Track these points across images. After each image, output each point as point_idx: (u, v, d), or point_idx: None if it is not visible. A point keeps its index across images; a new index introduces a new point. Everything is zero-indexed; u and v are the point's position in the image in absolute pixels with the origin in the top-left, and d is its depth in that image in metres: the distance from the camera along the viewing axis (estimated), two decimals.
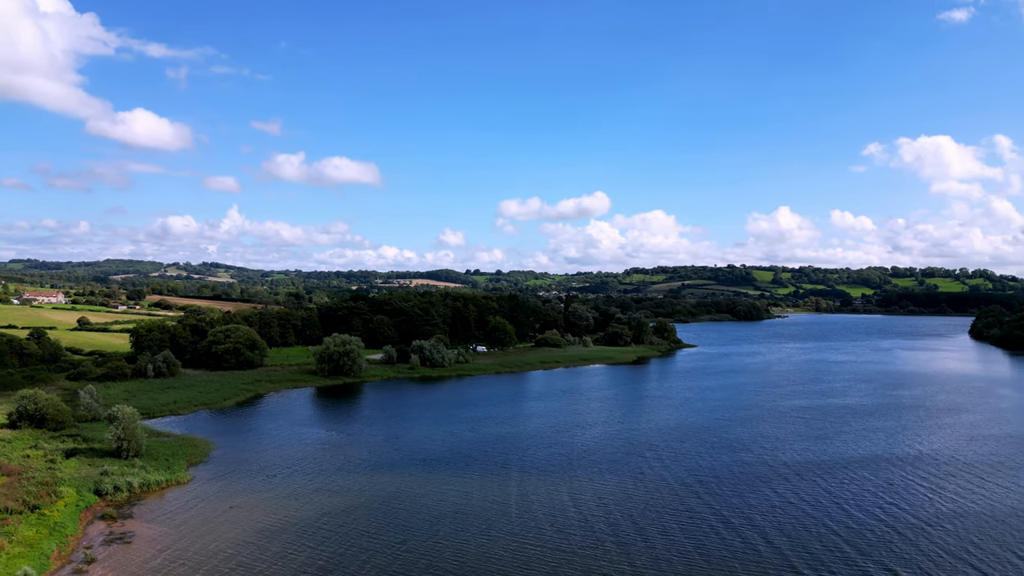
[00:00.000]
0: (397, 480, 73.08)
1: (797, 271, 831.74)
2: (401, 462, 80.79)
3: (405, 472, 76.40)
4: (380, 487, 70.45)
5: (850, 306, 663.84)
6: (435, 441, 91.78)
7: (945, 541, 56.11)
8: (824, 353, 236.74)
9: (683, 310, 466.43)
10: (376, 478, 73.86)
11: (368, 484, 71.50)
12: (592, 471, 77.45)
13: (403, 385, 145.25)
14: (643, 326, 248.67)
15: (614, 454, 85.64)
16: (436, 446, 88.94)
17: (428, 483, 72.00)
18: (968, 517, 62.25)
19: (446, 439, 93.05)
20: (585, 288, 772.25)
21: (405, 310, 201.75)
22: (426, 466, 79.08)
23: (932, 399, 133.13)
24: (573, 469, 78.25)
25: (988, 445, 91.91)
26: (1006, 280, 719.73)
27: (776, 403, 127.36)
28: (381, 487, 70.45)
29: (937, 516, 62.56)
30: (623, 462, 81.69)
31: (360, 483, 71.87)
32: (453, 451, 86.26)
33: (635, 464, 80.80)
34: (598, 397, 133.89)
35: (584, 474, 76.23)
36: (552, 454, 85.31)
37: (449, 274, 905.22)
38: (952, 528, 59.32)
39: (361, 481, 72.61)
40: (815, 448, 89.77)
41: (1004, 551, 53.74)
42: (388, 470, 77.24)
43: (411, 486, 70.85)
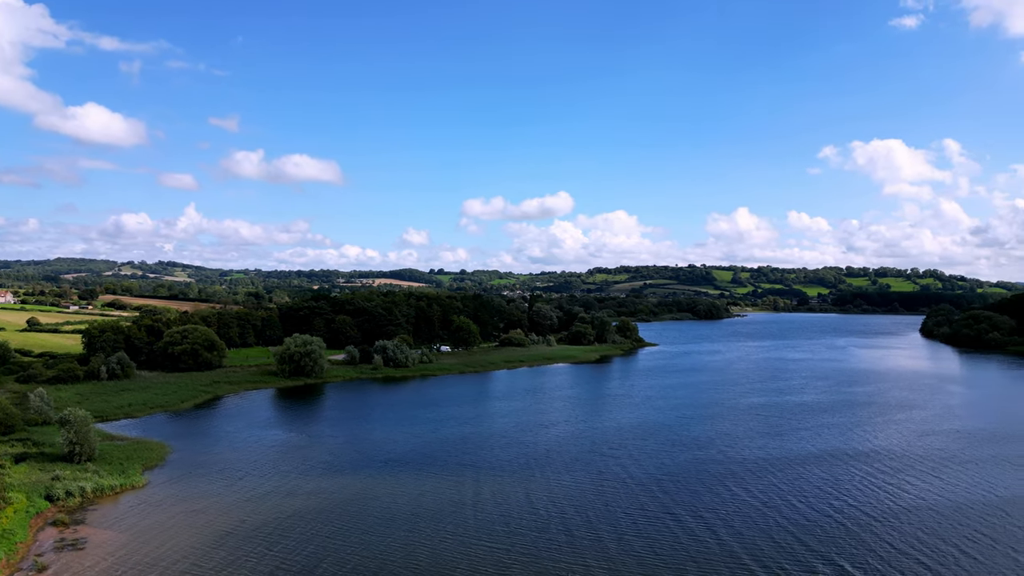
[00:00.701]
0: (358, 482, 72.46)
1: (756, 271, 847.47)
2: (362, 463, 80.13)
3: (366, 474, 75.79)
4: (340, 489, 69.77)
5: (807, 305, 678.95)
6: (397, 442, 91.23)
7: (892, 535, 57.71)
8: (781, 351, 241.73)
9: (645, 309, 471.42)
10: (336, 480, 73.12)
11: (328, 486, 70.75)
12: (553, 471, 77.84)
13: (366, 386, 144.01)
14: (606, 325, 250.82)
15: (576, 453, 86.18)
16: (398, 447, 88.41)
17: (389, 484, 71.55)
18: (915, 512, 64.15)
19: (408, 440, 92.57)
20: (549, 288, 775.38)
21: (368, 310, 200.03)
22: (387, 467, 78.56)
23: (885, 396, 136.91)
24: (534, 469, 78.54)
25: (938, 440, 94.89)
26: (955, 280, 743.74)
27: (735, 401, 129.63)
28: (341, 489, 69.77)
29: (886, 511, 64.35)
30: (584, 461, 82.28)
31: (320, 485, 71.08)
32: (415, 452, 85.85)
33: (596, 463, 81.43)
34: (561, 396, 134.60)
35: (545, 474, 76.57)
36: (514, 454, 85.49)
37: (413, 273, 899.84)
38: (899, 523, 61.05)
39: (321, 483, 71.82)
40: (772, 445, 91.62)
41: (947, 545, 55.53)
42: (349, 472, 76.54)
43: (372, 487, 70.33)
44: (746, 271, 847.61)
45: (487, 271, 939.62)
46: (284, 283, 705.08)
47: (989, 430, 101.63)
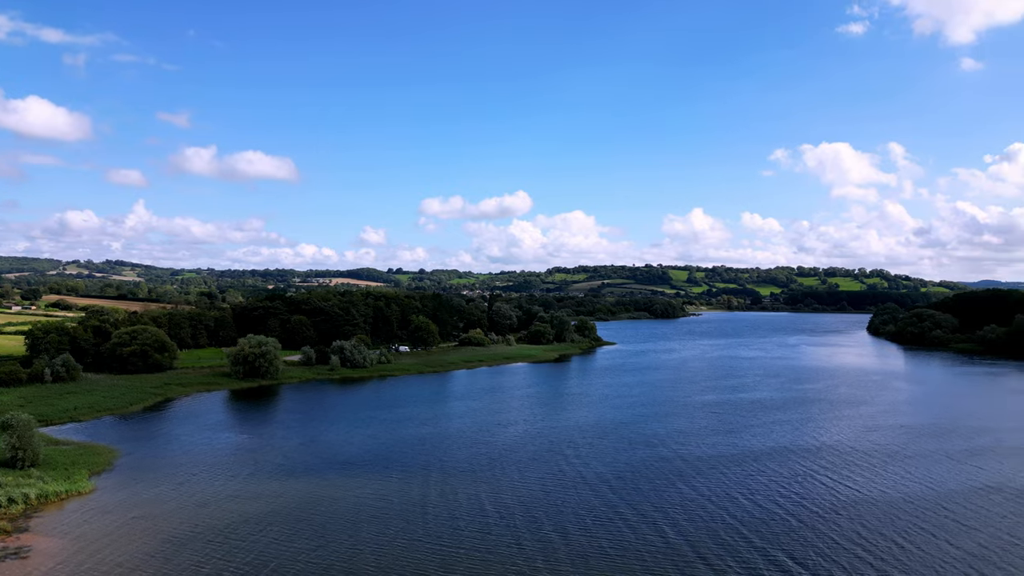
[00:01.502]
0: (313, 484, 71.55)
1: (710, 270, 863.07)
2: (318, 466, 79.15)
3: (322, 476, 74.89)
4: (295, 492, 68.80)
5: (760, 304, 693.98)
6: (354, 444, 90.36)
7: (834, 529, 59.31)
8: (735, 349, 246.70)
9: (603, 308, 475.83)
10: (291, 483, 72.09)
11: (283, 489, 69.70)
12: (510, 471, 78.06)
13: (322, 387, 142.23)
14: (565, 324, 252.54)
15: (533, 453, 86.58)
16: (355, 449, 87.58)
17: (345, 487, 70.83)
18: (858, 506, 66.08)
19: (365, 441, 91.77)
20: (509, 287, 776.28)
21: (325, 310, 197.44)
22: (344, 469, 77.75)
23: (834, 393, 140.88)
24: (491, 469, 78.64)
25: (883, 436, 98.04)
26: (900, 279, 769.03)
27: (690, 398, 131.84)
28: (296, 492, 68.81)
29: (830, 506, 66.12)
30: (541, 461, 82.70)
31: (275, 488, 69.97)
32: (372, 453, 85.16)
33: (552, 463, 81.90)
34: (520, 395, 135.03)
35: (501, 474, 76.73)
36: (473, 454, 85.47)
37: (370, 273, 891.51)
38: (841, 517, 62.76)
39: (276, 486, 70.71)
40: (725, 442, 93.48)
41: (886, 538, 57.29)
42: (304, 474, 75.52)
43: (328, 490, 69.52)
44: (701, 271, 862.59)
45: (446, 270, 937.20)
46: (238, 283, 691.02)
47: (931, 425, 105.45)
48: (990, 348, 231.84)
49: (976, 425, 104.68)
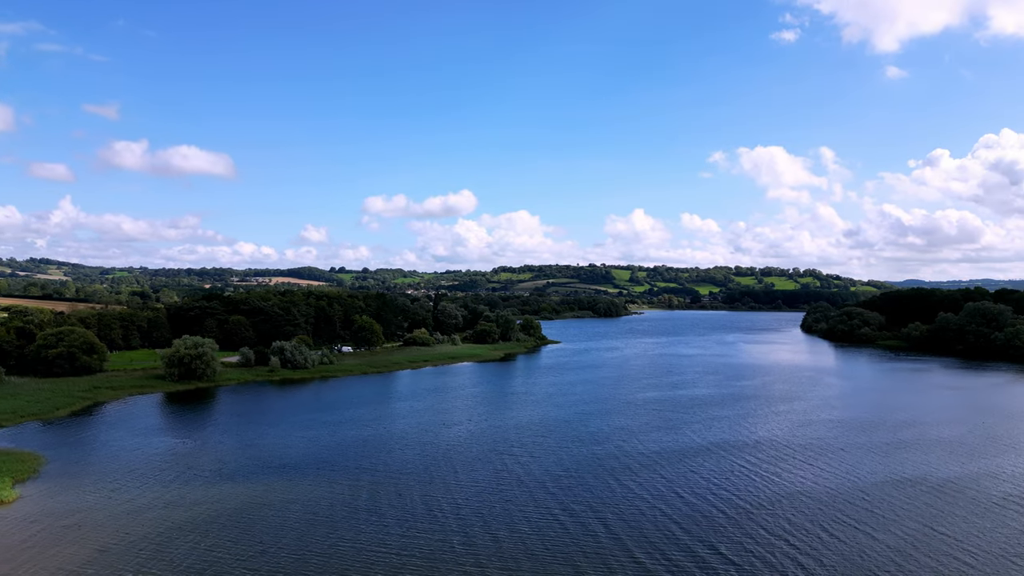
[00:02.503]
0: (250, 489, 69.84)
1: (652, 270, 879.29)
2: (255, 470, 77.30)
3: (260, 481, 73.16)
4: (231, 497, 67.04)
5: (699, 303, 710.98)
6: (292, 447, 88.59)
7: (766, 521, 61.19)
8: (676, 347, 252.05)
9: (548, 308, 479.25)
10: (227, 488, 70.21)
11: (218, 495, 67.83)
12: (453, 471, 77.85)
13: (262, 388, 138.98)
14: (510, 324, 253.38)
15: (477, 453, 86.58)
16: (294, 452, 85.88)
17: (284, 491, 69.40)
18: (789, 498, 68.35)
19: (304, 444, 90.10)
20: (454, 286, 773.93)
21: (264, 310, 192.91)
22: (283, 473, 76.16)
23: (769, 389, 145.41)
24: (434, 470, 78.24)
25: (816, 430, 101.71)
26: (831, 278, 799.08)
27: (632, 396, 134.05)
28: (231, 497, 67.05)
29: (763, 499, 68.21)
30: (485, 460, 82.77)
31: (208, 494, 68.02)
32: (313, 456, 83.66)
33: (496, 462, 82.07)
34: (465, 395, 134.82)
35: (445, 474, 76.47)
36: (416, 455, 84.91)
37: (312, 272, 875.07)
38: (774, 509, 64.83)
39: (209, 492, 68.75)
40: (665, 438, 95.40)
41: (814, 528, 59.43)
42: (241, 479, 73.64)
43: (265, 495, 67.98)
44: (643, 270, 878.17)
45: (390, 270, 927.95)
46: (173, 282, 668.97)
47: (860, 420, 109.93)
48: (914, 345, 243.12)
49: (901, 419, 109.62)
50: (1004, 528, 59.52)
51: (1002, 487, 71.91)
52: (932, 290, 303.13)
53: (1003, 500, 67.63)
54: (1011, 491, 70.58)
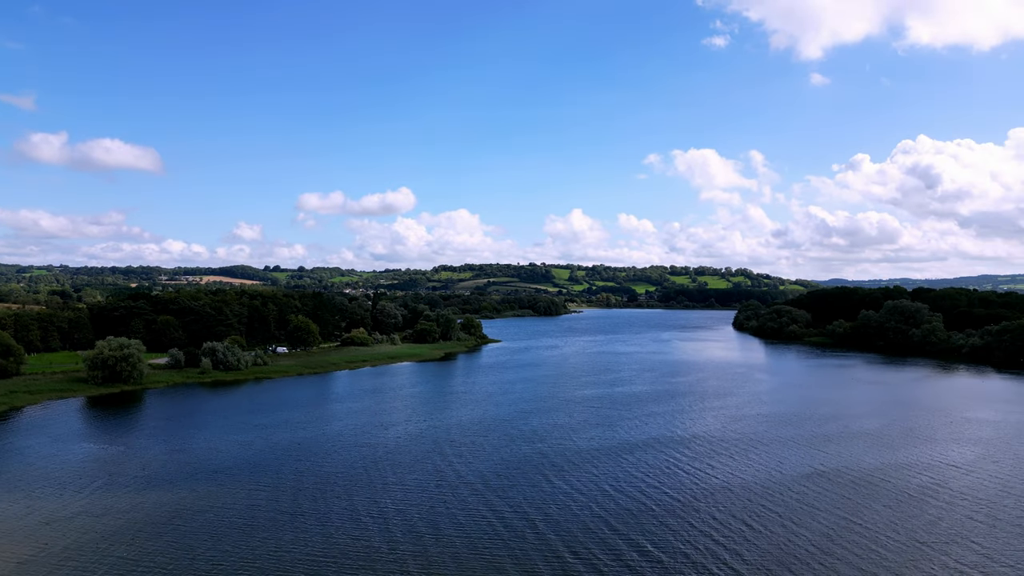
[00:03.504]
0: (177, 496, 67.45)
1: (591, 269, 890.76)
2: (183, 476, 74.70)
3: (187, 487, 70.75)
4: (157, 505, 64.61)
5: (636, 302, 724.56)
6: (224, 451, 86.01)
7: (692, 515, 62.74)
8: (613, 345, 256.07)
9: (489, 307, 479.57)
10: (153, 495, 67.61)
11: (143, 502, 65.27)
12: (386, 473, 76.98)
13: (192, 391, 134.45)
14: (451, 323, 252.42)
15: (415, 454, 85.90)
16: (225, 456, 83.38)
17: (213, 497, 67.31)
18: (716, 492, 70.22)
19: (237, 448, 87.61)
20: (394, 285, 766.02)
21: (195, 309, 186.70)
22: (212, 479, 73.84)
23: (703, 385, 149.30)
24: (371, 472, 77.28)
25: (747, 424, 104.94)
26: (761, 277, 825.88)
27: (571, 393, 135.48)
28: (158, 505, 64.63)
29: (691, 493, 69.87)
30: (424, 460, 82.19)
31: (133, 502, 65.37)
32: (244, 461, 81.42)
33: (435, 462, 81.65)
34: (404, 395, 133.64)
35: (382, 476, 75.55)
36: (352, 457, 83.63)
37: (245, 270, 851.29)
38: (700, 503, 66.54)
39: (134, 500, 66.09)
40: (603, 435, 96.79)
41: (737, 521, 61.26)
42: (168, 486, 71.04)
43: (193, 501, 65.81)
44: (582, 269, 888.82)
45: (327, 268, 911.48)
46: (96, 281, 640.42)
47: (787, 413, 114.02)
48: (839, 341, 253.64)
49: (826, 413, 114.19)
50: (919, 517, 62.70)
51: (918, 478, 75.76)
52: (855, 289, 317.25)
53: (919, 490, 71.25)
54: (926, 482, 74.43)
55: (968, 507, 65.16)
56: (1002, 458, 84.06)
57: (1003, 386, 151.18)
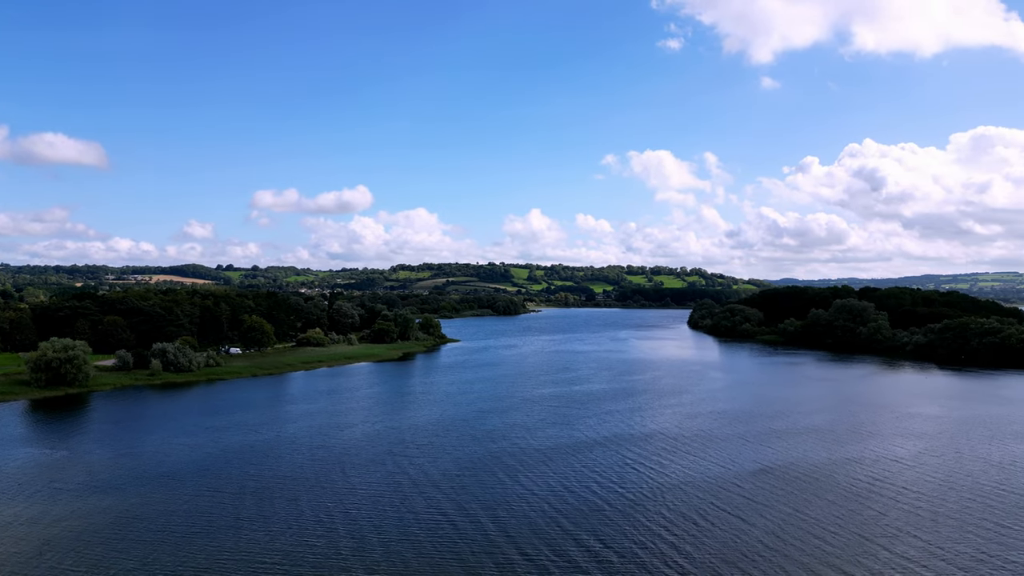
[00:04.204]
0: (124, 501, 65.48)
1: (549, 269, 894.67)
2: (130, 481, 72.56)
3: (134, 492, 68.73)
4: (102, 511, 62.63)
5: (593, 301, 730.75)
6: (173, 455, 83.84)
7: (642, 512, 63.59)
8: (571, 344, 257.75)
9: (448, 306, 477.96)
10: (98, 501, 65.53)
11: (87, 509, 63.20)
12: (345, 474, 76.20)
13: (141, 394, 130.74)
14: (409, 322, 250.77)
15: (372, 454, 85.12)
16: (174, 460, 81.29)
17: (161, 502, 65.54)
18: (667, 490, 71.22)
19: (187, 451, 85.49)
20: (351, 285, 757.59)
21: (144, 310, 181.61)
22: (161, 483, 71.88)
23: (659, 383, 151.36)
24: (325, 474, 76.32)
25: (701, 421, 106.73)
26: (715, 277, 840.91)
27: (529, 392, 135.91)
28: (103, 511, 62.66)
29: (642, 491, 70.71)
30: (379, 462, 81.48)
31: (77, 508, 63.24)
32: (195, 465, 79.49)
33: (391, 463, 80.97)
34: (361, 396, 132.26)
35: (335, 478, 74.67)
36: (305, 460, 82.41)
37: (197, 270, 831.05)
38: (651, 500, 67.44)
39: (78, 506, 63.94)
40: (560, 434, 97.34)
41: (686, 517, 62.36)
42: (114, 491, 68.90)
43: (141, 507, 63.98)
44: (541, 269, 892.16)
45: (282, 267, 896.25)
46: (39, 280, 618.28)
47: (740, 410, 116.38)
48: (790, 339, 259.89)
49: (777, 409, 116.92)
50: (865, 512, 64.62)
51: (864, 473, 78.08)
52: (805, 288, 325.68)
53: (865, 485, 73.47)
54: (872, 476, 76.78)
55: (912, 501, 67.44)
56: (944, 453, 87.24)
57: (945, 382, 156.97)
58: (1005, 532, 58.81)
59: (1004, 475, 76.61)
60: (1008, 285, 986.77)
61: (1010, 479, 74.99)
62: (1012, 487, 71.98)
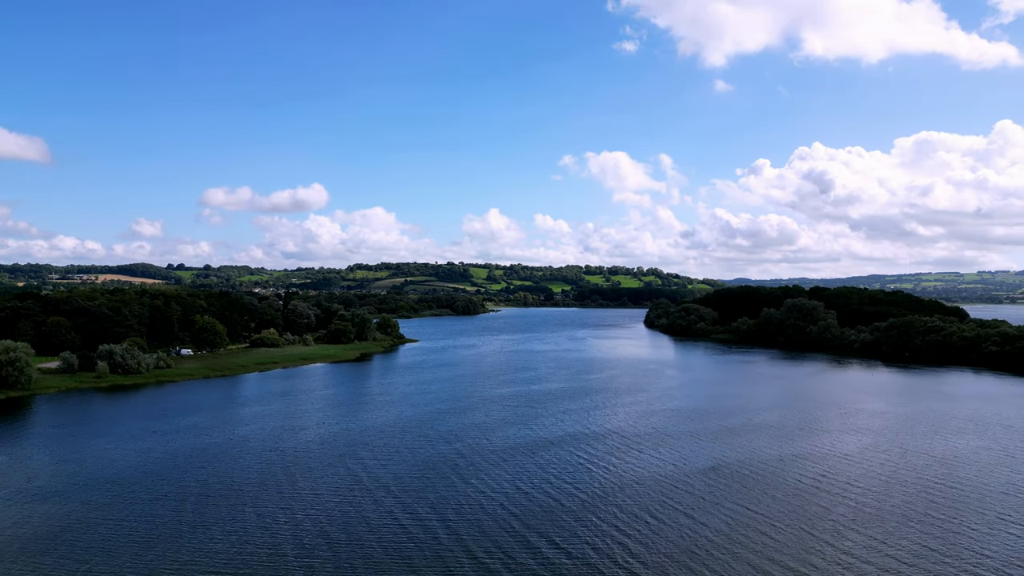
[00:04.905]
0: (66, 508, 63.29)
1: (508, 268, 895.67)
2: (73, 487, 70.11)
3: (77, 498, 66.46)
4: (44, 519, 60.42)
5: (552, 300, 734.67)
6: (119, 460, 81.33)
7: (601, 509, 64.29)
8: (530, 344, 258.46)
9: (406, 306, 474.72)
10: (38, 508, 63.19)
11: (26, 516, 60.86)
12: (295, 478, 74.90)
13: (86, 397, 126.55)
14: (367, 323, 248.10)
15: (325, 457, 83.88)
16: (120, 465, 78.86)
17: (105, 509, 63.52)
18: (626, 486, 72.08)
19: (133, 456, 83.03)
20: (307, 284, 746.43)
21: (90, 310, 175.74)
22: (105, 489, 69.63)
23: (616, 381, 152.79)
24: (275, 478, 74.97)
25: (656, 420, 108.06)
26: (671, 277, 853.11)
27: (488, 392, 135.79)
28: (45, 519, 60.45)
29: (600, 489, 71.37)
30: (332, 465, 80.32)
31: (15, 516, 60.86)
32: (143, 470, 77.23)
33: (343, 466, 79.90)
34: (316, 398, 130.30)
35: (285, 482, 73.38)
36: (256, 463, 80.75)
37: (146, 269, 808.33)
38: (607, 497, 68.18)
39: (17, 514, 61.53)
40: (517, 434, 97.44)
41: (640, 513, 63.29)
42: (57, 498, 66.51)
43: (85, 514, 61.90)
44: (500, 269, 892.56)
45: (236, 267, 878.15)
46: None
47: (694, 408, 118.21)
48: (743, 338, 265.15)
49: (730, 407, 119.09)
50: (813, 507, 66.26)
51: (813, 468, 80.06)
52: (757, 288, 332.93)
53: (814, 480, 75.33)
54: (821, 471, 78.78)
55: (857, 496, 69.38)
56: (890, 448, 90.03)
57: (890, 379, 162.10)
58: (948, 525, 60.94)
59: (947, 469, 79.40)
60: (950, 285, 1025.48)
61: (952, 473, 77.76)
62: (954, 481, 74.65)
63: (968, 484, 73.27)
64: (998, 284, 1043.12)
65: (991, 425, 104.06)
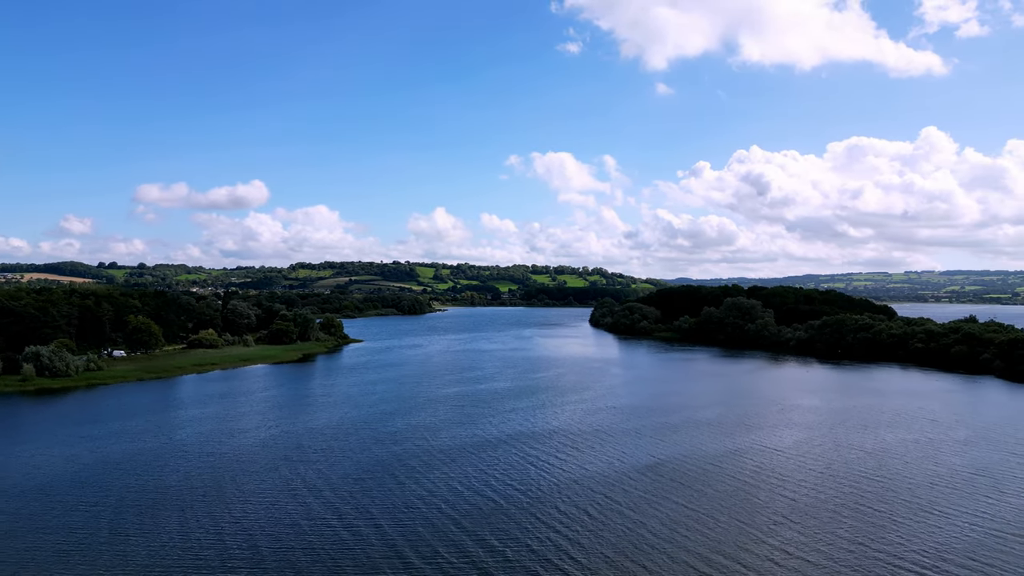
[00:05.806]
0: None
1: (455, 268, 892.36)
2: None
3: (1, 509, 63.24)
4: None
5: (499, 300, 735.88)
6: (45, 467, 77.69)
7: (538, 508, 64.81)
8: (477, 343, 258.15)
9: (351, 305, 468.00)
10: None
11: None
12: (223, 484, 72.68)
13: (10, 401, 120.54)
14: (310, 323, 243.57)
15: (261, 461, 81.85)
16: (46, 473, 75.35)
17: (31, 519, 60.70)
18: (566, 485, 72.67)
19: (61, 463, 79.40)
20: (247, 284, 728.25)
21: (15, 310, 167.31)
22: (31, 499, 66.45)
23: (562, 380, 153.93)
24: (204, 484, 72.72)
25: (600, 417, 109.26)
26: (615, 276, 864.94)
27: (434, 392, 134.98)
28: None
29: (539, 487, 71.88)
30: (267, 469, 78.50)
31: None
32: (69, 478, 73.92)
33: (284, 469, 78.25)
34: (256, 400, 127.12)
35: (214, 488, 71.27)
36: (191, 468, 78.31)
37: (76, 267, 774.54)
38: (547, 495, 68.73)
39: None
40: (462, 434, 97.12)
41: (578, 510, 64.10)
42: None
43: (7, 524, 59.05)
44: (446, 268, 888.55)
45: (172, 265, 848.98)
46: None
47: (637, 405, 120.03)
48: (685, 336, 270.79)
49: (671, 404, 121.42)
50: (750, 501, 68.10)
51: (751, 462, 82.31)
52: (698, 287, 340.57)
53: (751, 475, 77.43)
54: (758, 466, 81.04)
55: (793, 489, 71.63)
56: (823, 442, 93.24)
57: (824, 375, 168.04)
58: (879, 516, 63.46)
59: (877, 461, 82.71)
60: (879, 284, 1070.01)
61: (883, 465, 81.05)
62: (884, 473, 77.80)
63: (896, 476, 76.46)
64: (924, 284, 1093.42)
65: (917, 419, 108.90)
